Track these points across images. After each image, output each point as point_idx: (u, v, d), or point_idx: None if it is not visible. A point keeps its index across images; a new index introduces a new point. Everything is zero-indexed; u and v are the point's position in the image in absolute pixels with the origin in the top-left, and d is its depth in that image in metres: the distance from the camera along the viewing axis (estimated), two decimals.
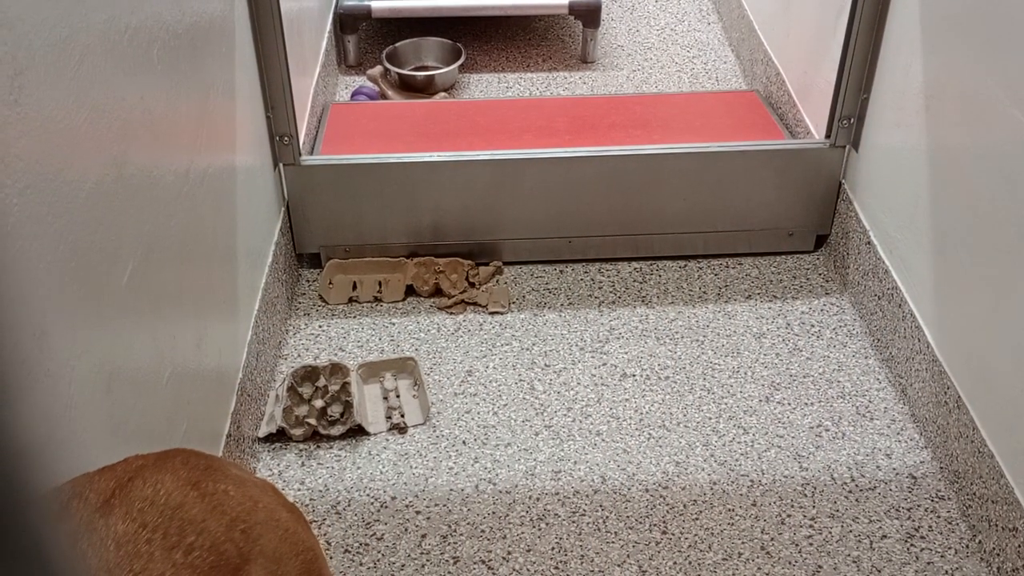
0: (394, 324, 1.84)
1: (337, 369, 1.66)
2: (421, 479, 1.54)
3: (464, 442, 1.60)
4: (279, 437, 1.60)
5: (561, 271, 1.97)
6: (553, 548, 1.43)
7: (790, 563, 1.41)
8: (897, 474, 1.54)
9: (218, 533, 0.69)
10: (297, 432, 1.58)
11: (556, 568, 1.40)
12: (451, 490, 1.52)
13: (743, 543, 1.44)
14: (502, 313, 1.86)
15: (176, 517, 0.68)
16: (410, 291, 1.91)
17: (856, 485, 1.53)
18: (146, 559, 0.64)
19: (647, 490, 1.52)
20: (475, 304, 1.88)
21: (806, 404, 1.67)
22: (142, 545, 0.65)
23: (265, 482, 0.80)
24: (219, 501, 0.71)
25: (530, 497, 1.51)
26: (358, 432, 1.61)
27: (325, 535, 1.45)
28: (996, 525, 1.38)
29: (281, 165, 1.84)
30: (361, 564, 1.41)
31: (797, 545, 1.44)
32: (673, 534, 1.45)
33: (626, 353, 1.77)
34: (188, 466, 0.73)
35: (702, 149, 1.89)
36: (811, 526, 1.46)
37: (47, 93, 0.89)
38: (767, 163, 1.90)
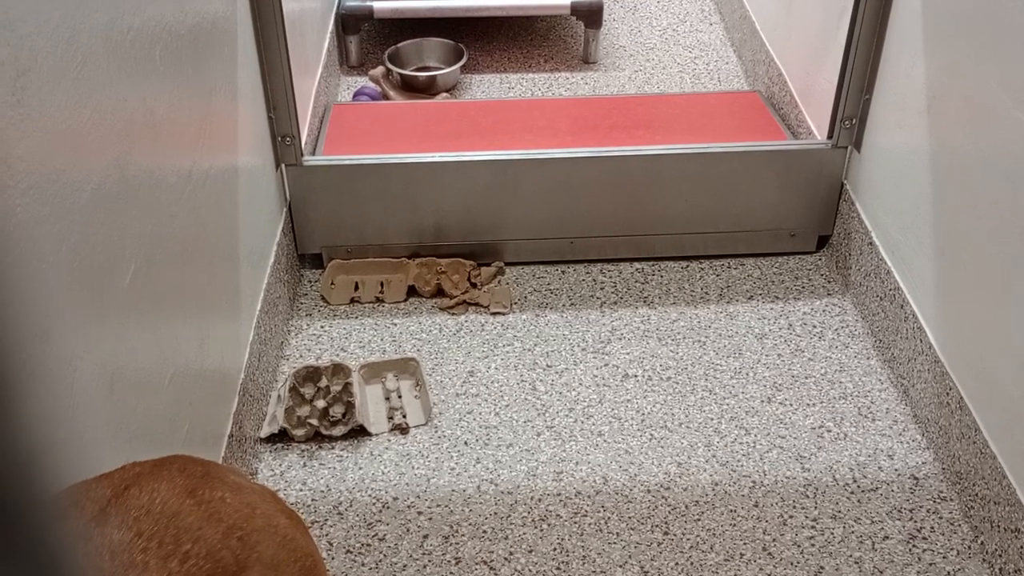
0: (396, 324, 1.84)
1: (339, 370, 1.66)
2: (423, 480, 1.54)
3: (466, 443, 1.60)
4: (281, 438, 1.60)
5: (563, 272, 1.97)
6: (555, 549, 1.43)
7: (792, 564, 1.41)
8: (899, 475, 1.54)
9: (214, 541, 0.69)
10: (299, 433, 1.59)
11: (558, 569, 1.40)
12: (453, 491, 1.52)
13: (745, 544, 1.44)
14: (504, 314, 1.86)
15: (172, 525, 0.67)
16: (412, 292, 1.91)
17: (858, 486, 1.52)
18: (141, 568, 0.64)
19: (649, 491, 1.52)
20: (477, 305, 1.88)
21: (808, 405, 1.67)
22: (137, 554, 0.64)
23: (264, 488, 0.80)
24: (216, 508, 0.71)
25: (532, 498, 1.51)
26: (360, 433, 1.61)
27: (327, 536, 1.45)
28: (998, 526, 1.37)
29: (283, 166, 1.84)
30: (363, 565, 1.41)
31: (799, 546, 1.43)
32: (675, 535, 1.45)
33: (628, 354, 1.77)
34: (185, 473, 0.72)
35: (704, 150, 1.89)
36: (813, 527, 1.46)
37: (50, 94, 0.89)
38: (769, 164, 1.90)
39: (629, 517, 1.48)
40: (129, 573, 0.63)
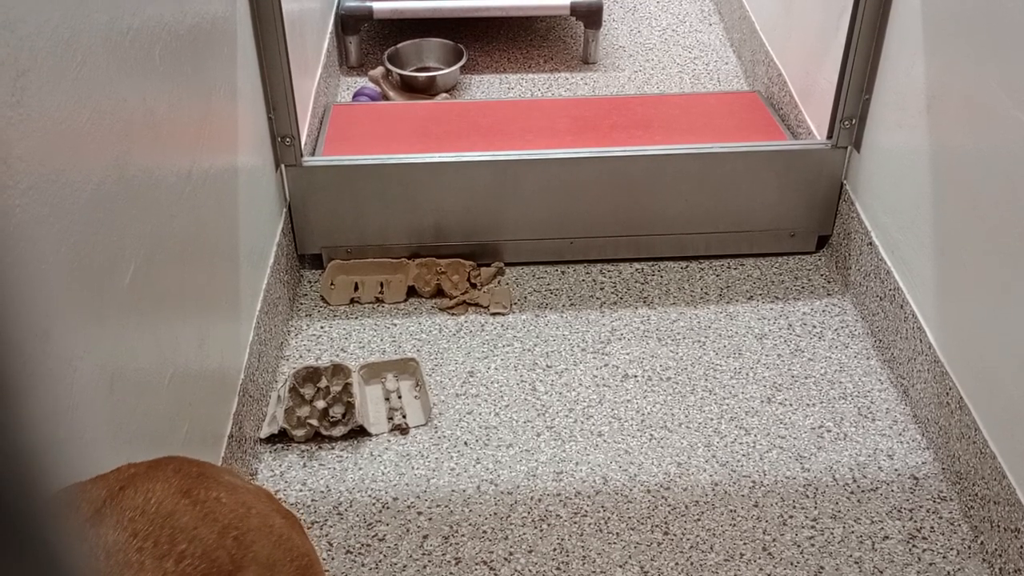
0: (396, 325, 1.84)
1: (339, 370, 1.66)
2: (423, 480, 1.54)
3: (466, 443, 1.60)
4: (281, 438, 1.60)
5: (563, 272, 1.97)
6: (555, 549, 1.43)
7: (792, 564, 1.41)
8: (899, 475, 1.54)
9: (210, 540, 0.69)
10: (299, 433, 1.59)
11: (558, 569, 1.40)
12: (453, 491, 1.52)
13: (745, 544, 1.44)
14: (504, 314, 1.86)
15: (167, 525, 0.67)
16: (412, 292, 1.91)
17: (858, 486, 1.52)
18: (137, 568, 0.64)
19: (649, 491, 1.52)
20: (477, 305, 1.88)
21: (808, 405, 1.67)
22: (132, 554, 0.64)
23: (259, 488, 0.80)
24: (211, 508, 0.71)
25: (532, 498, 1.51)
26: (360, 433, 1.61)
27: (327, 536, 1.45)
28: (998, 526, 1.37)
29: (283, 166, 1.84)
30: (363, 565, 1.41)
31: (799, 546, 1.43)
32: (675, 535, 1.45)
33: (628, 354, 1.77)
34: (180, 474, 0.72)
35: (704, 150, 1.89)
36: (813, 527, 1.46)
37: (49, 94, 0.89)
38: (769, 164, 1.90)
39: (629, 517, 1.48)
40: (125, 573, 0.63)
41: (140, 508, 0.68)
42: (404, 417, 1.64)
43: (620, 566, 1.41)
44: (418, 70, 2.60)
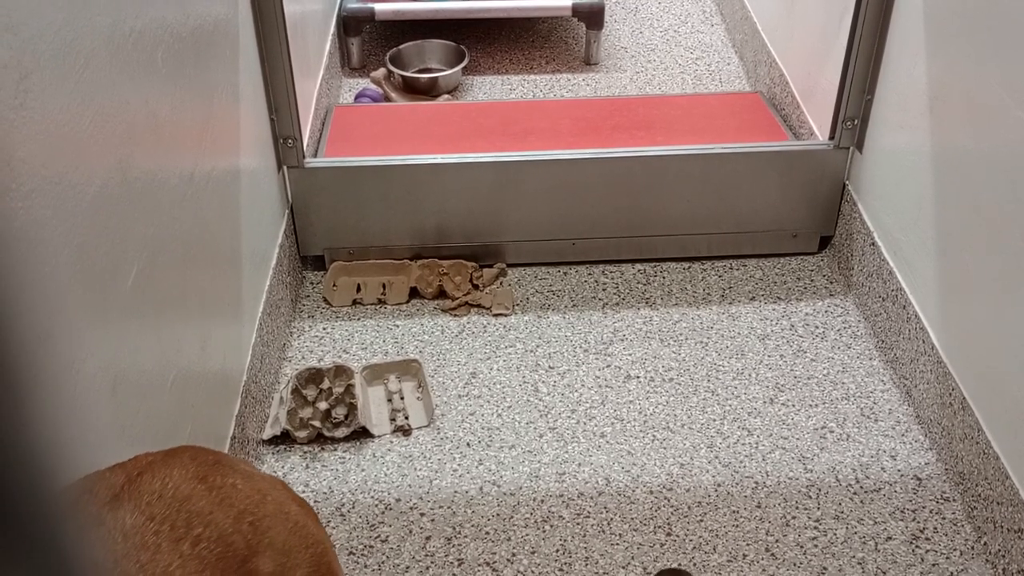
0: (398, 326, 1.84)
1: (341, 371, 1.67)
2: (425, 481, 1.54)
3: (468, 444, 1.60)
4: (283, 440, 1.61)
5: (565, 273, 1.97)
6: (558, 550, 1.43)
7: (795, 565, 1.41)
8: (902, 475, 1.54)
9: (225, 525, 0.70)
10: (301, 435, 1.59)
11: (560, 570, 1.40)
12: (455, 492, 1.52)
13: (748, 545, 1.44)
14: (506, 315, 1.86)
15: (183, 509, 0.69)
16: (414, 293, 1.91)
17: (861, 487, 1.52)
18: (153, 550, 0.65)
19: (651, 492, 1.52)
20: (479, 306, 1.88)
21: (810, 406, 1.67)
22: (149, 537, 0.66)
23: (274, 477, 0.81)
24: (227, 494, 0.72)
25: (534, 499, 1.51)
26: (362, 434, 1.61)
27: (330, 537, 1.45)
28: (1001, 527, 1.37)
29: (285, 168, 1.84)
30: (366, 566, 1.41)
31: (802, 547, 1.43)
32: (678, 536, 1.45)
33: (630, 355, 1.77)
34: (196, 461, 0.74)
35: (706, 151, 1.89)
36: (816, 528, 1.46)
37: (52, 97, 0.89)
38: (771, 165, 1.90)
39: (632, 518, 1.48)
40: (141, 555, 0.64)
41: (157, 493, 0.69)
42: (407, 418, 1.64)
43: (623, 567, 1.41)
44: (420, 71, 2.60)
